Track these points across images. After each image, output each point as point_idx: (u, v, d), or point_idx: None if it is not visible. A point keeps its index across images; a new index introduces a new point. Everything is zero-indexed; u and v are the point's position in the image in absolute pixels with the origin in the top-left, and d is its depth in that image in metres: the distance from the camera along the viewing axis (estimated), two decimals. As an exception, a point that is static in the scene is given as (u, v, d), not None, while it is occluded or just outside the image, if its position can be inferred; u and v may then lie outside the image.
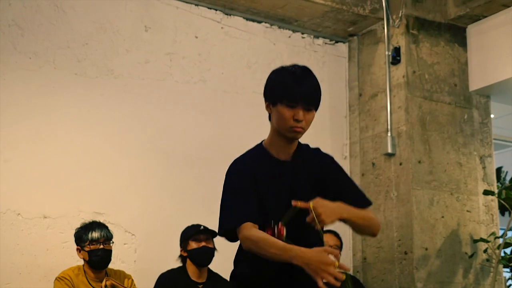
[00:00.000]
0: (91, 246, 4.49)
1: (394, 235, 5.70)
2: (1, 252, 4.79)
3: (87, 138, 5.24)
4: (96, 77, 5.35)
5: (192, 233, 4.81)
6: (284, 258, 2.56)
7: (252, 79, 5.94)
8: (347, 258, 6.01)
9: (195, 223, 4.88)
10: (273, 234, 2.62)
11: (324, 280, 2.45)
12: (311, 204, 2.57)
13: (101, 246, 4.51)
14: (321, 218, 2.56)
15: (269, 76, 2.87)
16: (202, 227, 4.80)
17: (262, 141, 2.93)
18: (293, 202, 2.60)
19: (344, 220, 2.70)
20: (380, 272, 5.80)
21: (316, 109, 2.81)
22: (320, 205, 2.59)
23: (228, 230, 2.78)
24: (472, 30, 6.17)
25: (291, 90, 2.73)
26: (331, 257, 2.49)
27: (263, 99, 5.97)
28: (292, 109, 2.73)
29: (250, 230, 2.68)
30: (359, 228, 2.83)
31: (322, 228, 2.66)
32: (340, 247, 5.30)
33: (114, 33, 5.45)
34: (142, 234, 5.29)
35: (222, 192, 2.87)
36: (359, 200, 2.86)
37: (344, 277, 2.50)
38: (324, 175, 2.87)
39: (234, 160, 2.91)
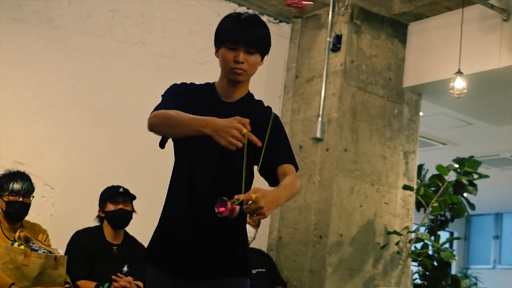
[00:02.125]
0: (10, 197, 4.40)
1: (311, 218, 5.80)
2: None
3: (16, 85, 5.14)
4: (35, 25, 5.24)
5: (110, 194, 4.79)
6: (195, 127, 2.58)
7: (192, 47, 5.93)
8: (262, 236, 6.09)
9: (116, 184, 4.86)
10: (225, 210, 2.50)
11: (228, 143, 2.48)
12: (253, 196, 2.46)
13: (20, 199, 4.42)
14: (262, 211, 2.47)
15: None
16: (121, 189, 4.79)
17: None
18: (236, 196, 2.50)
19: None
20: (293, 253, 5.90)
21: (261, 54, 2.85)
22: (262, 198, 2.47)
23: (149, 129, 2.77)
24: (413, 28, 6.28)
25: (232, 31, 2.78)
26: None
27: (200, 68, 5.96)
28: (233, 51, 2.77)
29: (159, 110, 2.72)
30: None
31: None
32: (257, 224, 5.38)
33: (58, -18, 5.36)
34: (61, 189, 5.24)
35: None
36: (285, 158, 2.83)
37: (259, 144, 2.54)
38: (265, 127, 2.78)
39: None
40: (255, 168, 2.78)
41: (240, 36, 2.77)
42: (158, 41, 5.81)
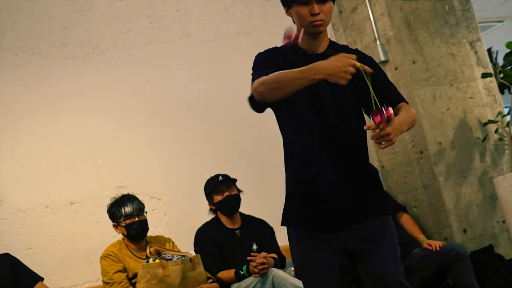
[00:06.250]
0: (127, 221, 4.57)
1: (406, 137, 5.80)
2: (40, 246, 4.90)
3: (91, 118, 5.29)
4: (84, 57, 5.37)
5: (212, 186, 4.88)
6: (308, 78, 2.59)
7: (233, 22, 5.97)
8: (365, 171, 6.10)
9: (213, 172, 4.95)
10: (381, 119, 2.55)
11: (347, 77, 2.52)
12: (380, 124, 2.54)
13: (136, 219, 4.59)
14: (390, 137, 2.55)
15: None
16: (220, 177, 4.87)
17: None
18: (365, 127, 2.60)
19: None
20: (401, 176, 5.92)
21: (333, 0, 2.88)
22: (388, 125, 2.55)
23: (251, 100, 2.85)
24: None
25: None
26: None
27: (248, 39, 6.01)
28: (306, 5, 2.81)
29: (261, 78, 2.74)
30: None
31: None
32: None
33: (90, 9, 5.46)
34: (167, 196, 5.39)
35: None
36: (399, 97, 2.94)
37: (371, 70, 2.59)
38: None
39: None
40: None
41: None
42: (200, 29, 5.87)
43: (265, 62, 2.89)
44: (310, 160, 2.87)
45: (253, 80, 2.80)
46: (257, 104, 2.84)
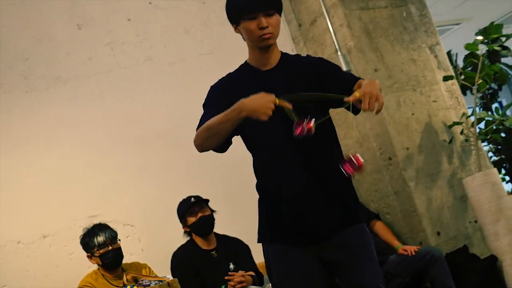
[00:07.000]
0: (101, 251, 4.55)
1: (373, 145, 5.83)
2: (15, 282, 4.83)
3: (57, 150, 5.25)
4: (47, 88, 5.34)
5: (185, 208, 4.87)
6: (233, 118, 2.69)
7: (195, 42, 5.98)
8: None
9: (184, 195, 4.94)
10: (302, 129, 2.61)
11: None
12: (357, 94, 2.56)
13: (110, 248, 4.56)
14: (373, 98, 2.55)
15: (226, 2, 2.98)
16: (192, 199, 4.87)
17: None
18: (346, 99, 2.59)
19: None
20: (371, 184, 5.95)
21: (279, 13, 2.92)
22: (363, 90, 2.57)
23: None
24: None
25: (245, 2, 2.85)
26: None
27: (210, 58, 6.01)
28: (254, 20, 2.85)
29: (198, 129, 2.86)
30: None
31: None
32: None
33: (49, 40, 5.43)
34: (140, 222, 5.35)
35: None
36: (354, 79, 2.90)
37: (290, 106, 2.65)
38: (318, 71, 2.93)
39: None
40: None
41: (255, 4, 2.84)
42: (162, 52, 5.86)
43: (212, 102, 2.95)
44: (282, 176, 2.89)
45: (196, 129, 2.89)
46: (217, 148, 2.93)
